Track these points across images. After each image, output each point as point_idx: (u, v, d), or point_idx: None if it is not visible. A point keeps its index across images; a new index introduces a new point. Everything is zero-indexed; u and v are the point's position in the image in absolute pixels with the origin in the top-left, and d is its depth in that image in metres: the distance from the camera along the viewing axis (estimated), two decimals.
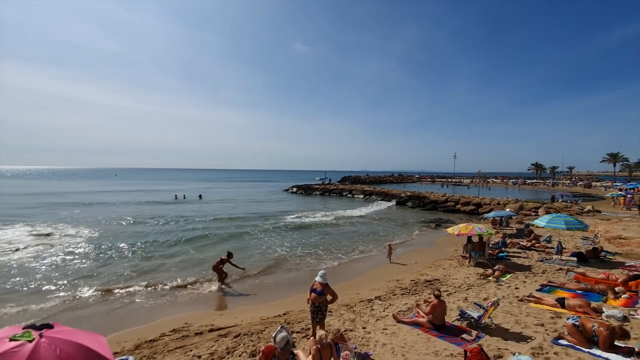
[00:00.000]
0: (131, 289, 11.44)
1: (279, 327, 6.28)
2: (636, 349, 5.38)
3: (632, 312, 7.21)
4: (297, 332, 7.11)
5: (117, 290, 11.29)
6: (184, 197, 45.79)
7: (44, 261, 14.43)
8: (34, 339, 2.58)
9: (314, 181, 78.37)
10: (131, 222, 25.28)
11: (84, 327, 8.50)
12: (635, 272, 9.78)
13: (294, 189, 64.03)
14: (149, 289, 11.56)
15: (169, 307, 10.04)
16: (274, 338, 4.87)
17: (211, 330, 7.85)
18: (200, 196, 47.79)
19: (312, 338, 5.63)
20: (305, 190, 62.06)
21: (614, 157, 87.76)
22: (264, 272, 13.54)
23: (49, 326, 2.84)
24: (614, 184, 64.88)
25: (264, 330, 7.46)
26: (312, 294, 6.43)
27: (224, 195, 55.55)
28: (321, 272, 6.58)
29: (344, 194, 55.23)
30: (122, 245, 17.65)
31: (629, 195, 35.00)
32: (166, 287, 11.74)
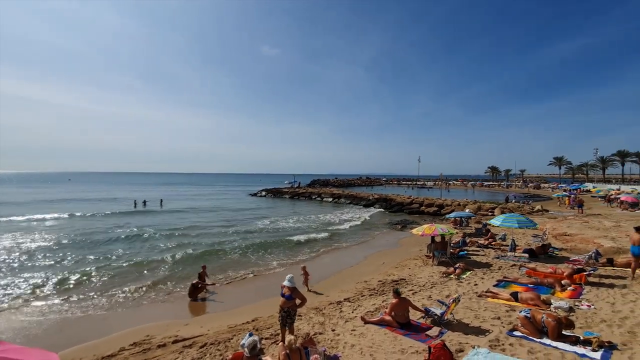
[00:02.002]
0: (86, 301, 10.68)
1: (248, 334, 6.18)
2: (581, 338, 5.87)
3: (577, 303, 7.87)
4: (267, 339, 7.01)
5: (70, 303, 10.49)
6: (144, 204, 43.24)
7: None
8: None
9: (283, 185, 77.89)
10: (86, 233, 23.56)
11: (35, 344, 7.80)
12: (579, 266, 10.71)
13: (263, 193, 63.29)
14: (105, 300, 10.85)
15: (128, 319, 9.47)
16: (242, 344, 4.78)
17: (175, 342, 7.50)
18: (161, 202, 45.28)
19: (281, 343, 5.59)
20: (275, 194, 61.61)
21: (559, 161, 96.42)
22: (231, 279, 13.23)
23: None
24: (560, 185, 70.93)
25: (232, 339, 7.27)
26: (282, 298, 6.38)
27: (188, 200, 53.41)
28: (289, 276, 6.56)
29: (313, 197, 55.42)
30: (74, 257, 16.43)
31: (572, 196, 38.39)
32: (125, 297, 11.09)
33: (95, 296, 11.20)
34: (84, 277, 13.07)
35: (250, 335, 6.16)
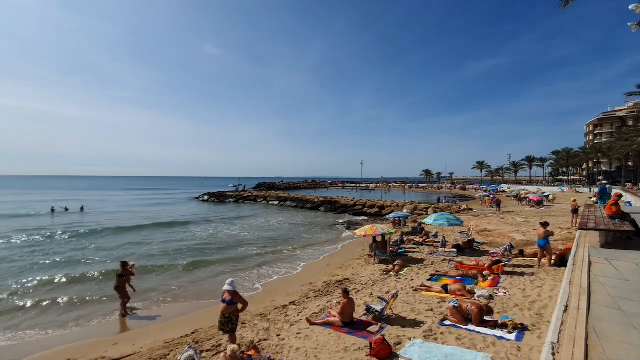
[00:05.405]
0: None
1: (186, 348, 5.80)
2: (499, 322, 6.66)
3: (495, 291, 8.90)
4: (207, 351, 6.66)
5: None
6: (66, 210, 38.07)
7: None
8: None
9: (227, 188, 75.03)
10: None
11: None
12: (497, 258, 12.11)
13: (206, 197, 60.17)
14: (14, 321, 9.28)
15: (44, 342, 8.23)
16: None
17: None
18: (82, 208, 39.72)
19: (222, 354, 5.36)
20: (218, 197, 59.06)
21: (481, 165, 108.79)
22: (165, 287, 12.27)
23: None
24: (481, 186, 79.81)
25: (169, 355, 6.78)
26: (222, 304, 6.14)
27: (119, 207, 47.91)
28: (229, 280, 6.36)
29: (259, 200, 54.38)
30: None
31: (491, 196, 43.39)
32: (39, 317, 9.62)
33: None
34: None
35: (190, 348, 5.82)
